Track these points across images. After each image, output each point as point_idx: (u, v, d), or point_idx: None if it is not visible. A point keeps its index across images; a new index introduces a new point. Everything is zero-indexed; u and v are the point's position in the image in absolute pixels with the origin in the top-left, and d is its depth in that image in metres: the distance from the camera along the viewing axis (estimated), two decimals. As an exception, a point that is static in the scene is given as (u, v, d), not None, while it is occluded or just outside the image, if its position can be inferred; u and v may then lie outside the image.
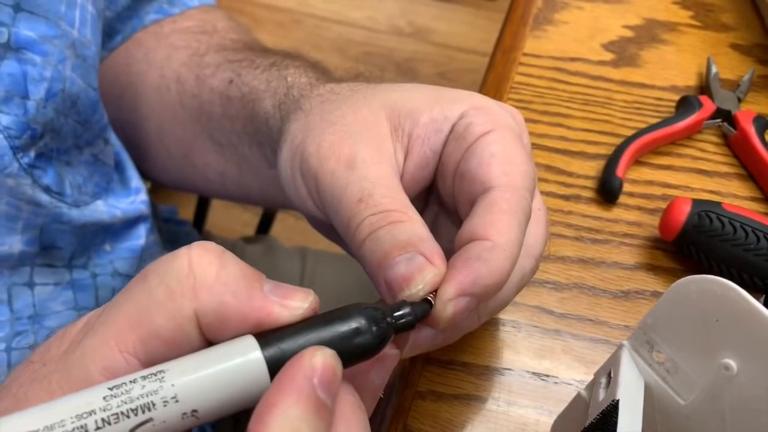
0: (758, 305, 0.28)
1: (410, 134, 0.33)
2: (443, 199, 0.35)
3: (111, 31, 0.57)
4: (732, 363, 0.29)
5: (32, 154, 0.41)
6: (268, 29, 1.86)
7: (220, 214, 0.96)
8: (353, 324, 0.24)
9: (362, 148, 0.32)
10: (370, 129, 0.33)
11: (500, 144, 0.32)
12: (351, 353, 0.24)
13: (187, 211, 0.88)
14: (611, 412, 0.30)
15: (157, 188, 1.15)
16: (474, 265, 0.28)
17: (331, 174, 0.32)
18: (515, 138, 0.32)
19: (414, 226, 0.29)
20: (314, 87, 0.40)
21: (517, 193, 0.31)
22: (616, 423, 0.29)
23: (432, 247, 0.29)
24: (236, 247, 0.75)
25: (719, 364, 0.29)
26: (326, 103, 0.36)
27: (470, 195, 0.32)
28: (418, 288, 0.28)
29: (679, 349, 0.31)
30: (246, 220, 0.91)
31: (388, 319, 0.25)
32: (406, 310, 0.26)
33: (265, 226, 0.86)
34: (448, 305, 0.28)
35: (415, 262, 0.28)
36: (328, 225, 0.35)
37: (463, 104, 0.33)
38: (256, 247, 0.75)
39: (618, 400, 0.30)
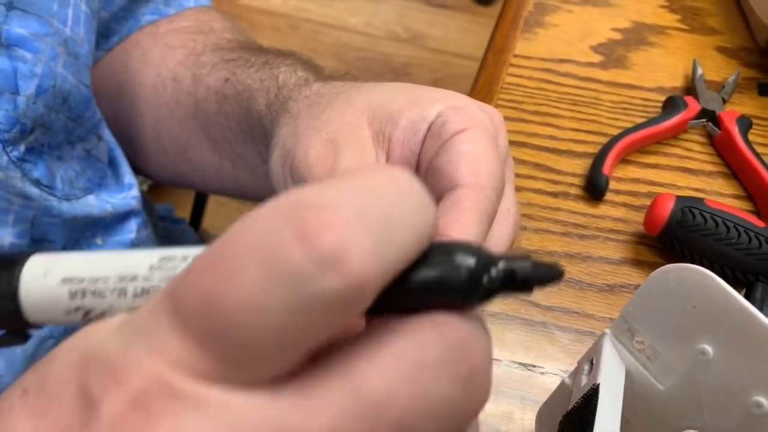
0: (733, 292, 0.29)
1: (390, 138, 0.34)
2: None
3: (107, 32, 0.58)
4: (708, 348, 0.30)
5: (22, 148, 0.42)
6: (265, 34, 1.88)
7: (216, 214, 0.97)
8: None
9: (347, 156, 0.34)
10: (354, 135, 0.35)
11: (471, 143, 0.33)
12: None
13: (184, 210, 0.89)
14: (592, 396, 0.31)
15: (155, 187, 1.16)
16: None
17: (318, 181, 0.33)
18: (488, 138, 0.33)
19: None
20: (302, 88, 0.41)
21: (481, 192, 0.31)
22: (596, 406, 0.30)
23: None
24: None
25: (696, 350, 0.30)
26: (313, 107, 0.38)
27: (438, 191, 0.32)
28: None
29: (658, 336, 0.32)
30: (237, 217, 0.91)
31: (501, 271, 0.18)
32: (526, 265, 0.18)
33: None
34: None
35: None
36: None
37: (441, 104, 0.34)
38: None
39: (599, 385, 0.31)
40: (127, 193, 0.55)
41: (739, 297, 0.29)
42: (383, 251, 0.15)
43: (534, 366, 0.41)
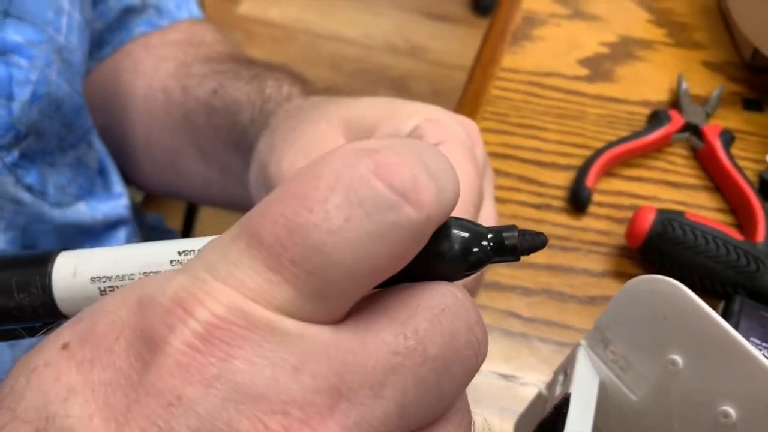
0: (702, 303, 0.30)
1: None
2: None
3: (100, 42, 0.58)
4: (678, 358, 0.31)
5: (16, 153, 0.42)
6: (263, 45, 1.89)
7: (208, 224, 0.97)
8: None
9: None
10: (327, 146, 0.35)
11: (448, 156, 0.33)
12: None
13: (176, 221, 0.90)
14: (563, 405, 0.31)
15: (148, 199, 1.17)
16: None
17: None
18: (465, 151, 0.34)
19: None
20: (283, 104, 0.42)
21: (460, 207, 0.32)
22: (566, 415, 0.30)
23: None
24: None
25: (666, 360, 0.31)
26: (289, 120, 0.38)
27: None
28: None
29: (631, 347, 0.33)
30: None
31: (491, 241, 0.19)
32: (513, 235, 0.20)
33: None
34: None
35: None
36: None
37: (417, 117, 0.35)
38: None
39: (570, 394, 0.31)
40: (117, 202, 0.55)
41: (708, 308, 0.29)
42: (442, 196, 0.17)
43: (514, 377, 0.41)
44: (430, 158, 0.18)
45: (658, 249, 0.44)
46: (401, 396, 0.16)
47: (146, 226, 0.69)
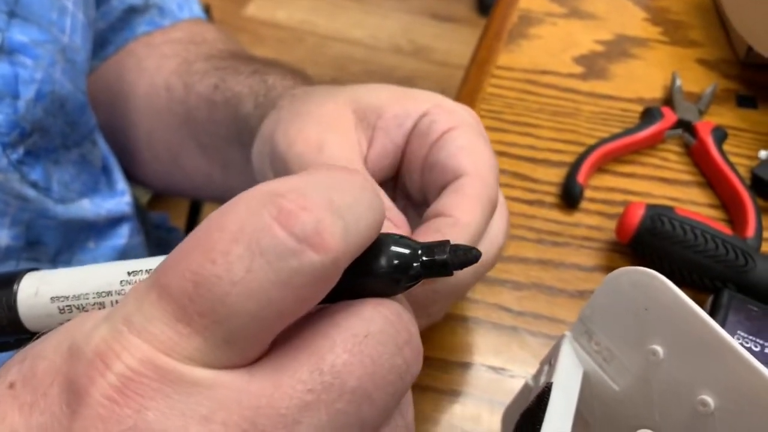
0: (682, 295, 0.30)
1: (374, 126, 0.36)
2: (410, 192, 0.37)
3: (103, 42, 0.59)
4: (659, 349, 0.31)
5: (21, 150, 0.43)
6: (270, 46, 1.90)
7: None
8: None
9: (329, 136, 0.34)
10: (336, 119, 0.36)
11: (466, 138, 0.34)
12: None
13: (180, 219, 0.91)
14: (545, 394, 0.32)
15: (154, 198, 1.18)
16: (433, 237, 0.31)
17: (299, 156, 0.34)
18: (478, 134, 0.35)
19: (382, 197, 0.32)
20: (290, 88, 0.43)
21: (484, 181, 0.33)
22: (547, 404, 0.31)
23: (398, 216, 0.32)
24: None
25: (648, 351, 0.31)
26: (296, 101, 0.39)
27: (441, 183, 0.34)
28: None
29: (613, 338, 0.33)
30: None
31: (422, 257, 0.20)
32: (444, 251, 0.20)
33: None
34: None
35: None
36: None
37: (426, 103, 0.36)
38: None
39: (551, 383, 0.32)
40: (120, 199, 0.56)
41: (688, 299, 0.30)
42: (350, 234, 0.17)
43: (503, 369, 0.42)
44: (339, 194, 0.18)
45: (648, 244, 0.44)
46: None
47: (150, 224, 0.70)
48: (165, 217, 0.77)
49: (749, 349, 0.40)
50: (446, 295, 0.37)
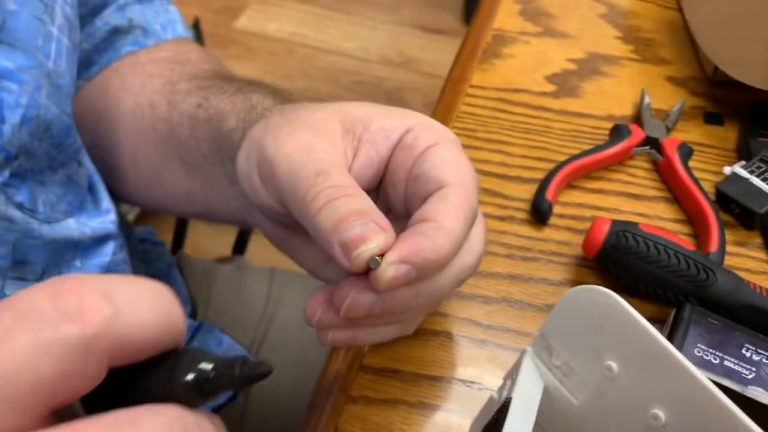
0: (635, 313, 0.31)
1: (360, 137, 0.38)
2: (392, 203, 0.39)
3: (88, 62, 0.60)
4: (613, 364, 0.32)
5: (6, 173, 0.44)
6: (260, 58, 1.91)
7: (200, 236, 1.00)
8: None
9: (318, 140, 0.36)
10: (325, 127, 0.37)
11: (449, 152, 0.37)
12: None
13: (167, 234, 0.92)
14: (504, 409, 0.33)
15: (142, 213, 1.19)
16: (418, 239, 0.33)
17: (288, 158, 0.35)
18: (459, 149, 0.37)
19: (367, 201, 0.34)
20: (276, 104, 0.44)
21: (467, 191, 0.35)
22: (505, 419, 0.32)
23: (383, 220, 0.33)
24: (209, 268, 0.78)
25: (603, 366, 0.33)
26: (286, 110, 0.41)
27: (425, 193, 0.36)
28: (372, 245, 0.31)
29: (572, 353, 0.34)
30: (224, 241, 0.95)
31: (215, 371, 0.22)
32: (234, 371, 0.22)
33: (241, 245, 0.90)
34: (389, 267, 0.32)
35: (369, 226, 0.32)
36: (281, 229, 0.40)
37: (410, 120, 0.38)
38: (227, 268, 0.78)
39: (510, 398, 0.33)
40: (105, 217, 0.57)
41: (639, 317, 0.31)
42: (121, 319, 0.20)
43: (473, 382, 0.43)
44: (122, 287, 0.20)
45: (613, 259, 0.46)
46: None
47: (136, 239, 0.71)
48: (151, 231, 0.78)
49: (709, 362, 0.41)
50: (427, 297, 0.38)
